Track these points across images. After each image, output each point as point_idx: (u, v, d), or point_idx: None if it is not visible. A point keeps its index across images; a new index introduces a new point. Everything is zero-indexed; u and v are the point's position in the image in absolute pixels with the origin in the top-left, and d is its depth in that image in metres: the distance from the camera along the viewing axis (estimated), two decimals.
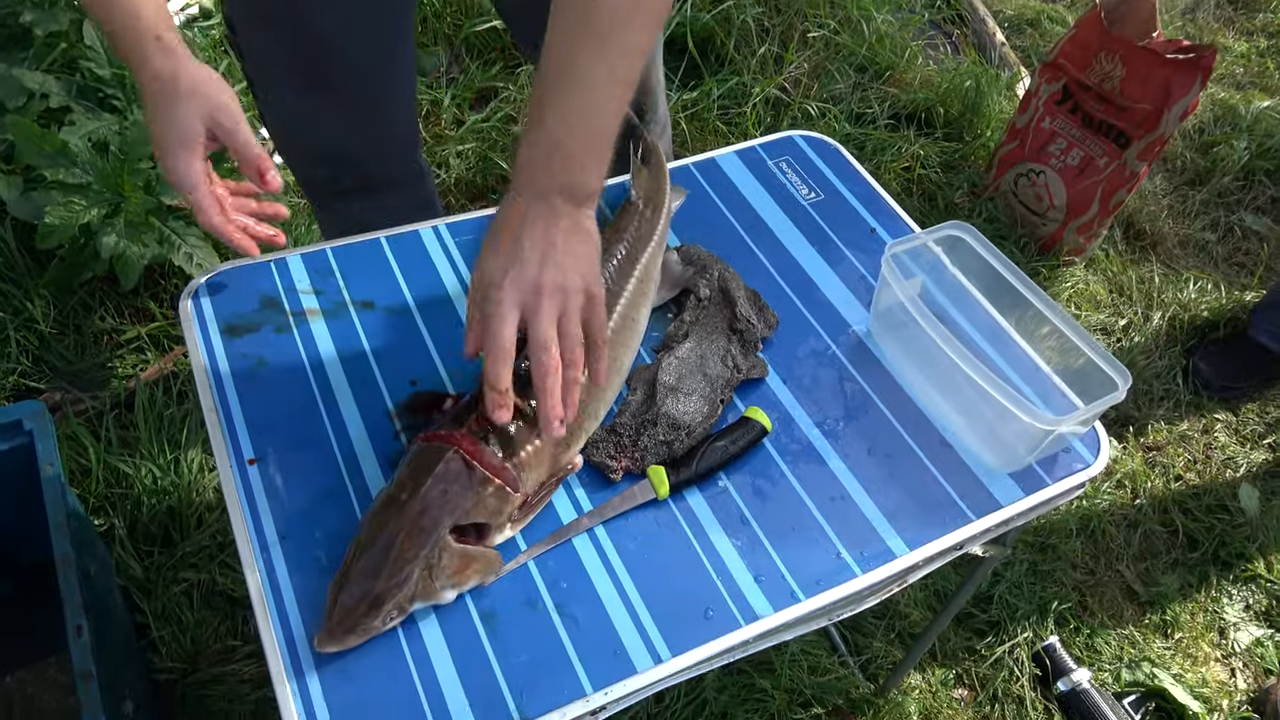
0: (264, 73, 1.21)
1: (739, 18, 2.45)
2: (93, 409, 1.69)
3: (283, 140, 1.31)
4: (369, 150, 1.30)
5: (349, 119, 1.25)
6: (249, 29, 1.17)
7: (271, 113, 1.26)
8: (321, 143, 1.27)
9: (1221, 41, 3.03)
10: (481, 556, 0.82)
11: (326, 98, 1.21)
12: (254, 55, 1.19)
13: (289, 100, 1.22)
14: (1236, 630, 1.74)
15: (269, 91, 1.23)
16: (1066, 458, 0.99)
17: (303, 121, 1.25)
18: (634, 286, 1.00)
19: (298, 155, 1.32)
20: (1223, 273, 2.35)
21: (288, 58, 1.17)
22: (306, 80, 1.19)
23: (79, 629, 1.07)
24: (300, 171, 1.34)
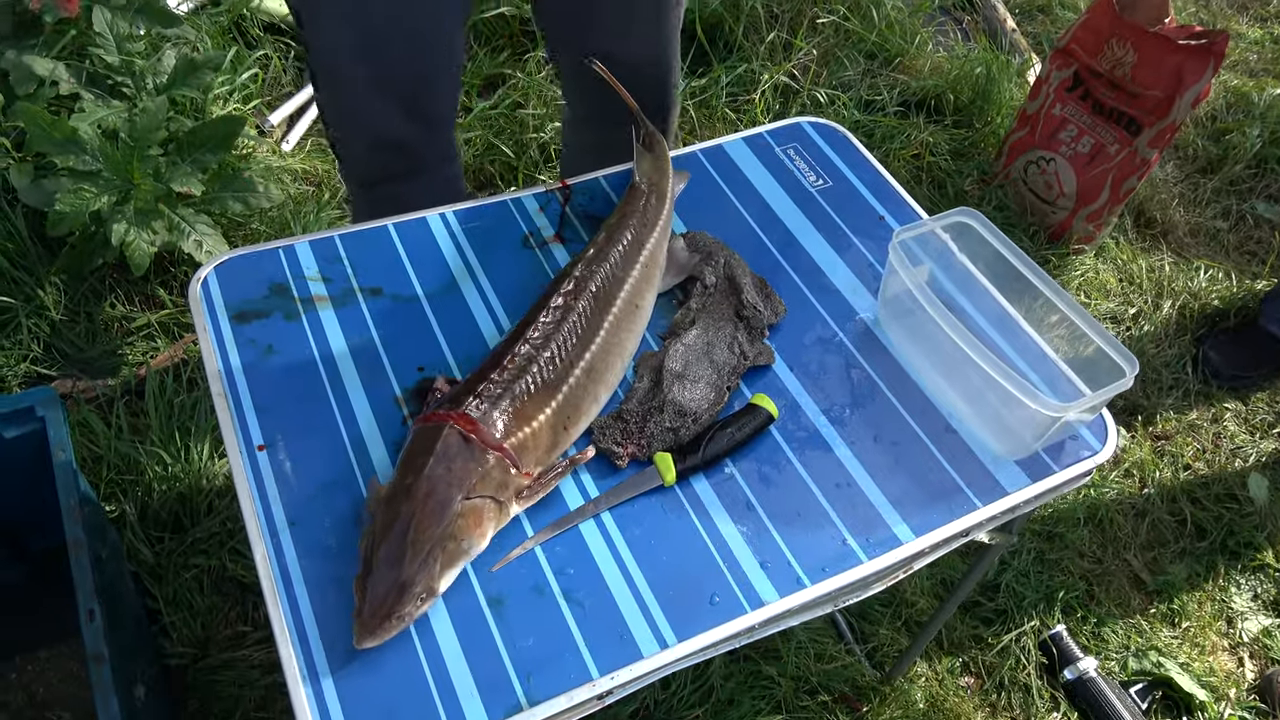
0: (329, 64, 1.21)
1: (748, 4, 2.44)
2: (103, 396, 1.70)
3: (345, 132, 1.30)
4: (419, 133, 1.30)
5: (407, 103, 1.24)
6: (315, 20, 1.16)
7: (334, 105, 1.27)
8: (380, 131, 1.27)
9: (1235, 28, 3.00)
10: (488, 503, 0.83)
11: (387, 85, 1.21)
12: (320, 47, 1.19)
13: (353, 90, 1.22)
14: (1244, 619, 1.74)
15: (335, 83, 1.23)
16: (1074, 445, 0.99)
17: (365, 111, 1.24)
18: (639, 271, 1.00)
19: (359, 146, 1.31)
20: (1234, 261, 2.33)
21: (351, 45, 1.16)
22: (370, 70, 1.18)
23: (91, 613, 1.08)
24: (356, 162, 1.34)
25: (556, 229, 1.14)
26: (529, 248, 1.12)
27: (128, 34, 1.80)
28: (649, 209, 1.07)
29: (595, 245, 1.01)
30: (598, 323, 0.95)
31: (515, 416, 0.86)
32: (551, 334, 0.92)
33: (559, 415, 0.90)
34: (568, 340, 0.92)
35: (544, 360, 0.90)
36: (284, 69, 2.30)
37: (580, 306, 0.95)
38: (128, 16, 1.81)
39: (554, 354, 0.91)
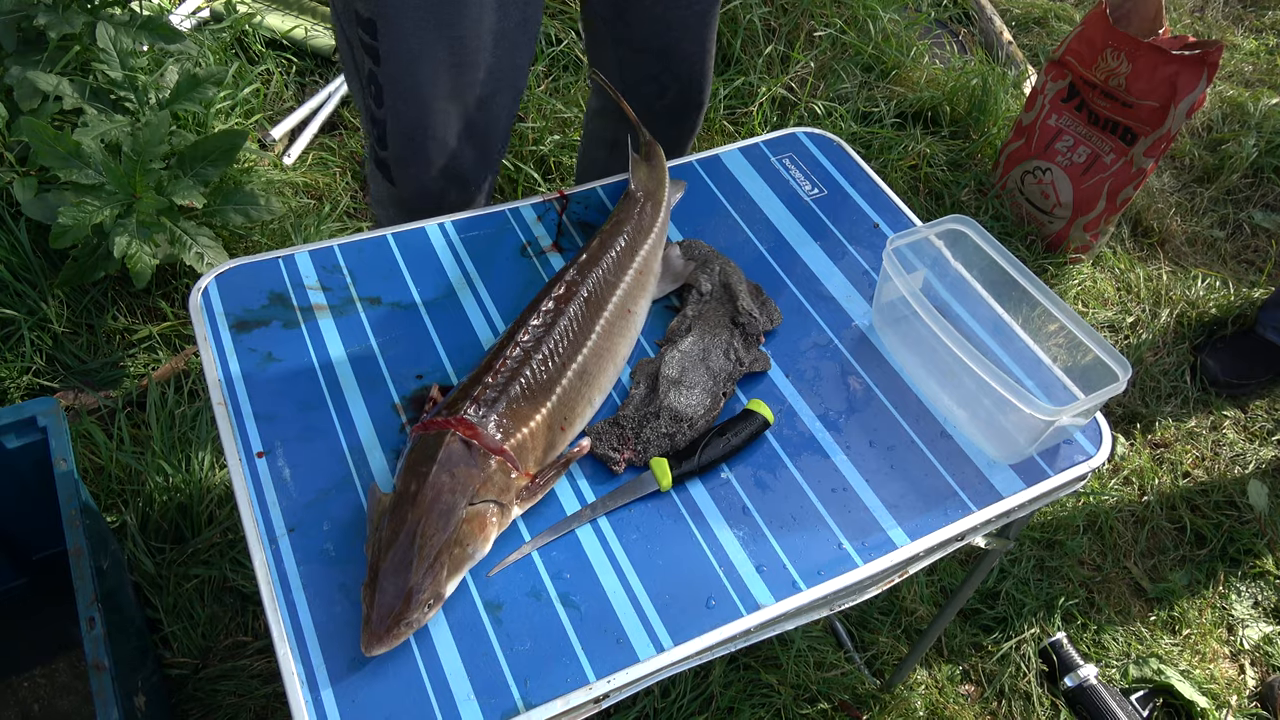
0: (407, 76, 1.14)
1: (745, 18, 2.46)
2: (105, 408, 1.71)
3: (407, 152, 1.22)
4: (478, 159, 1.26)
5: (474, 126, 1.21)
6: (398, 28, 1.10)
7: (400, 121, 1.18)
8: (446, 152, 1.22)
9: (1230, 39, 3.02)
10: (490, 506, 0.83)
11: (462, 103, 1.17)
12: (399, 57, 1.12)
13: (429, 107, 1.16)
14: (1245, 627, 1.73)
15: (408, 97, 1.16)
16: (1068, 449, 1.00)
17: (439, 128, 1.19)
18: (631, 278, 1.01)
19: (419, 167, 1.23)
20: (1231, 270, 2.34)
21: (438, 57, 1.11)
22: (451, 86, 1.14)
23: (91, 621, 1.09)
24: (412, 184, 1.25)
25: (554, 238, 1.15)
26: (526, 257, 1.13)
27: (131, 49, 1.82)
28: (644, 216, 1.08)
29: (588, 251, 1.03)
30: (589, 326, 0.96)
31: (512, 419, 0.87)
32: (542, 337, 0.93)
33: (554, 416, 0.90)
34: (559, 343, 0.93)
35: (536, 362, 0.91)
36: (285, 84, 2.32)
37: (571, 310, 0.96)
38: (131, 32, 1.83)
39: (545, 356, 0.92)
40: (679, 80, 1.36)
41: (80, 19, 1.80)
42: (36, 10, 1.77)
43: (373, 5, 1.09)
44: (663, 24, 1.28)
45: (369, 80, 1.16)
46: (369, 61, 1.14)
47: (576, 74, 2.37)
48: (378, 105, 1.18)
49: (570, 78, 2.37)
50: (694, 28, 1.31)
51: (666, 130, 1.40)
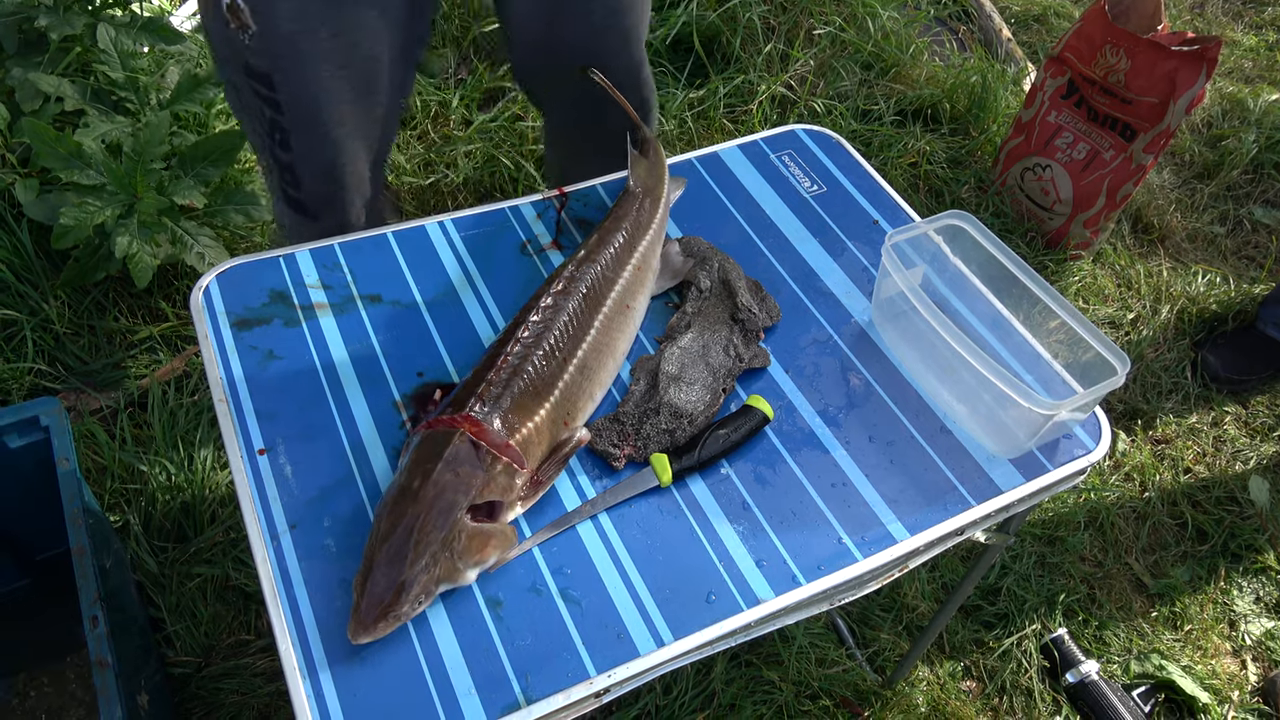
0: (316, 122, 1.15)
1: (745, 16, 2.46)
2: (107, 408, 1.71)
3: (320, 186, 1.22)
4: (379, 174, 1.28)
5: (378, 159, 1.23)
6: (297, 77, 1.10)
7: (317, 161, 1.19)
8: (364, 188, 1.24)
9: (1230, 35, 3.02)
10: (499, 533, 0.84)
11: (367, 142, 1.20)
12: (303, 105, 1.13)
13: (344, 144, 1.18)
14: (1247, 622, 1.74)
15: (320, 142, 1.17)
16: (1068, 444, 1.00)
17: (346, 153, 1.20)
18: (630, 274, 1.01)
19: (338, 207, 1.25)
20: (1231, 266, 2.34)
21: (347, 96, 1.13)
22: (359, 117, 1.16)
23: (94, 619, 1.09)
24: (325, 209, 1.25)
25: (554, 236, 1.16)
26: (527, 254, 1.13)
27: (132, 51, 1.83)
28: (642, 212, 1.08)
29: (587, 247, 1.03)
30: (588, 322, 0.96)
31: (517, 415, 0.88)
32: (543, 333, 0.93)
33: (557, 411, 0.91)
34: (560, 339, 0.93)
35: (538, 358, 0.91)
36: None
37: (571, 306, 0.96)
38: (132, 33, 1.83)
39: (547, 352, 0.92)
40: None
41: (81, 20, 1.81)
42: (38, 12, 1.78)
43: (267, 59, 1.09)
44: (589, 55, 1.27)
45: (271, 127, 1.16)
46: (269, 110, 1.14)
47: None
48: (284, 150, 1.18)
49: None
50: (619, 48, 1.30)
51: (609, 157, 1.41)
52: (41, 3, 1.79)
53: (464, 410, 0.86)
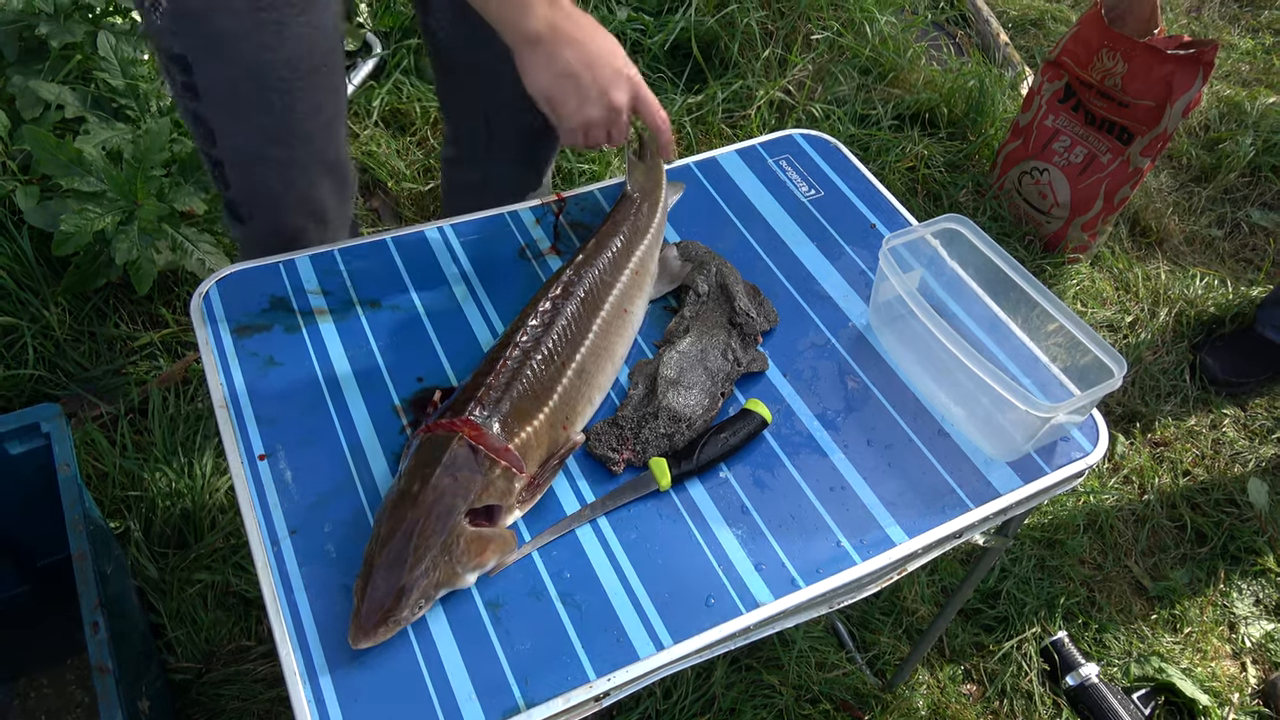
0: (230, 116, 1.08)
1: (743, 21, 2.47)
2: (108, 414, 1.71)
3: (251, 199, 1.16)
4: (333, 193, 1.21)
5: (322, 163, 1.16)
6: (207, 62, 1.03)
7: (241, 154, 1.12)
8: (298, 195, 1.17)
9: (1227, 38, 3.03)
10: (498, 537, 0.84)
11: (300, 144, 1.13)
12: (217, 93, 1.06)
13: (272, 135, 1.11)
14: (1247, 624, 1.74)
15: (242, 131, 1.10)
16: (1065, 446, 1.00)
17: (280, 158, 1.13)
18: (628, 278, 1.02)
19: (269, 212, 1.18)
20: (1229, 269, 2.34)
21: (256, 97, 1.06)
22: (278, 123, 1.09)
23: (95, 625, 1.10)
24: (264, 224, 1.19)
25: (552, 241, 1.16)
26: (525, 259, 1.14)
27: (132, 58, 1.83)
28: (640, 216, 1.09)
29: (585, 252, 1.03)
30: (586, 326, 0.97)
31: (515, 419, 0.88)
32: (541, 337, 0.93)
33: (555, 415, 0.91)
34: (558, 343, 0.94)
35: (536, 362, 0.91)
36: None
37: (569, 310, 0.96)
38: (132, 41, 1.84)
39: (545, 356, 0.92)
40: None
41: (81, 28, 1.82)
42: (38, 20, 1.79)
43: (183, 38, 1.01)
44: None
45: (195, 119, 1.09)
46: (188, 99, 1.06)
47: None
48: (210, 144, 1.11)
49: None
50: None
51: (525, 164, 1.41)
52: (42, 10, 1.80)
53: (463, 414, 0.86)
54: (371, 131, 2.26)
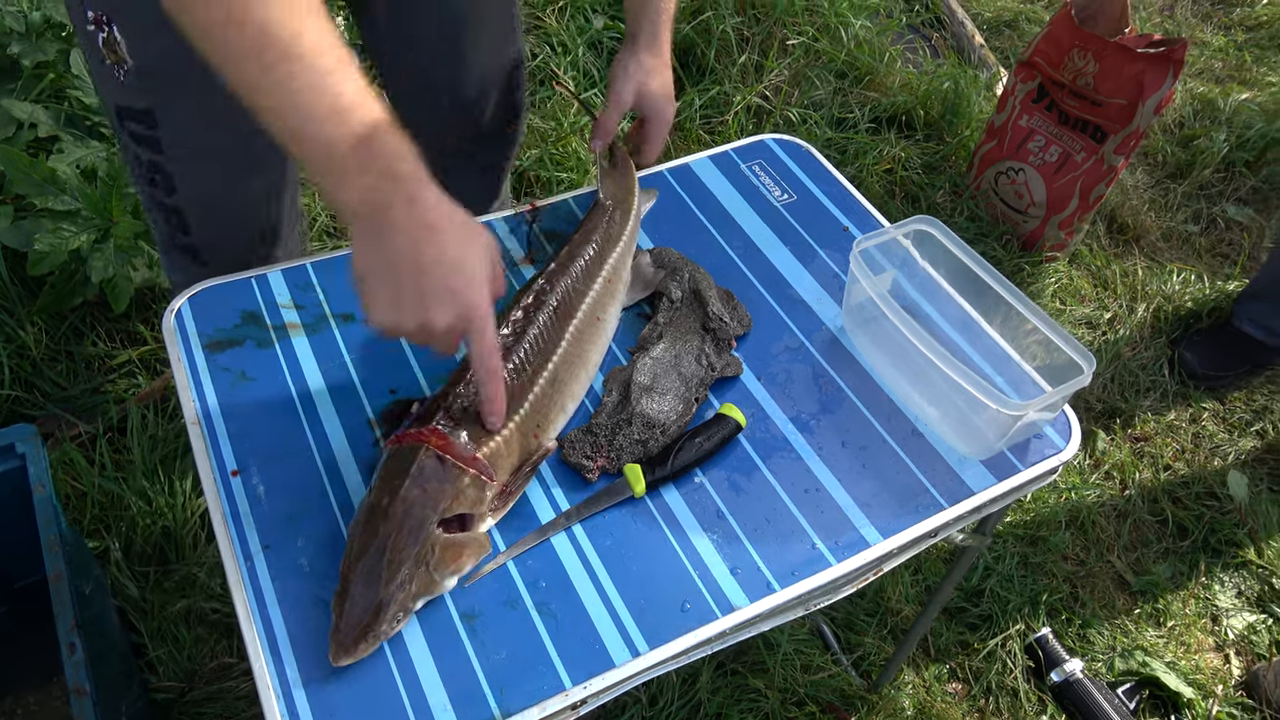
0: (196, 163, 1.09)
1: (718, 28, 2.48)
2: (86, 434, 1.70)
3: (214, 240, 1.17)
4: (285, 218, 1.22)
5: (276, 193, 1.18)
6: (173, 115, 1.05)
7: (206, 201, 1.13)
8: (260, 226, 1.18)
9: (1200, 36, 3.05)
10: (472, 541, 0.84)
11: (259, 177, 1.15)
12: (184, 144, 1.07)
13: (238, 178, 1.13)
14: (1229, 617, 1.75)
15: (207, 178, 1.11)
16: (1038, 443, 1.01)
17: (244, 196, 1.15)
18: (601, 286, 1.02)
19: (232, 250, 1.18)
20: (1206, 264, 2.36)
21: (222, 142, 1.06)
22: (241, 163, 1.10)
23: (72, 646, 1.09)
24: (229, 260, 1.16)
25: (526, 250, 1.16)
26: None
27: None
28: (612, 224, 1.09)
29: (557, 260, 1.03)
30: (559, 334, 0.97)
31: (484, 427, 0.88)
32: (513, 346, 0.93)
33: (526, 424, 0.91)
34: (530, 351, 0.94)
35: (507, 371, 0.91)
36: None
37: (541, 319, 0.96)
38: None
39: (516, 365, 0.92)
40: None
41: (54, 47, 1.81)
42: (10, 39, 1.78)
43: (148, 94, 1.02)
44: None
45: (151, 170, 1.09)
46: (147, 152, 1.07)
47: (553, 88, 2.39)
48: (168, 194, 1.11)
49: (546, 92, 2.38)
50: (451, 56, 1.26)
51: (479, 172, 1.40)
52: (14, 30, 1.79)
53: (430, 424, 0.86)
54: None
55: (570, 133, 2.28)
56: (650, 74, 1.18)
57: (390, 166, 0.76)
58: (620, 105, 1.18)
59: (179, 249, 1.18)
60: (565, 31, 2.45)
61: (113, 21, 0.98)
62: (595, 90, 2.39)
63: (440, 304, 0.79)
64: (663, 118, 1.21)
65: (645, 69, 1.18)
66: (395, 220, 0.77)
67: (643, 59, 1.18)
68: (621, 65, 1.19)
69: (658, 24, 1.16)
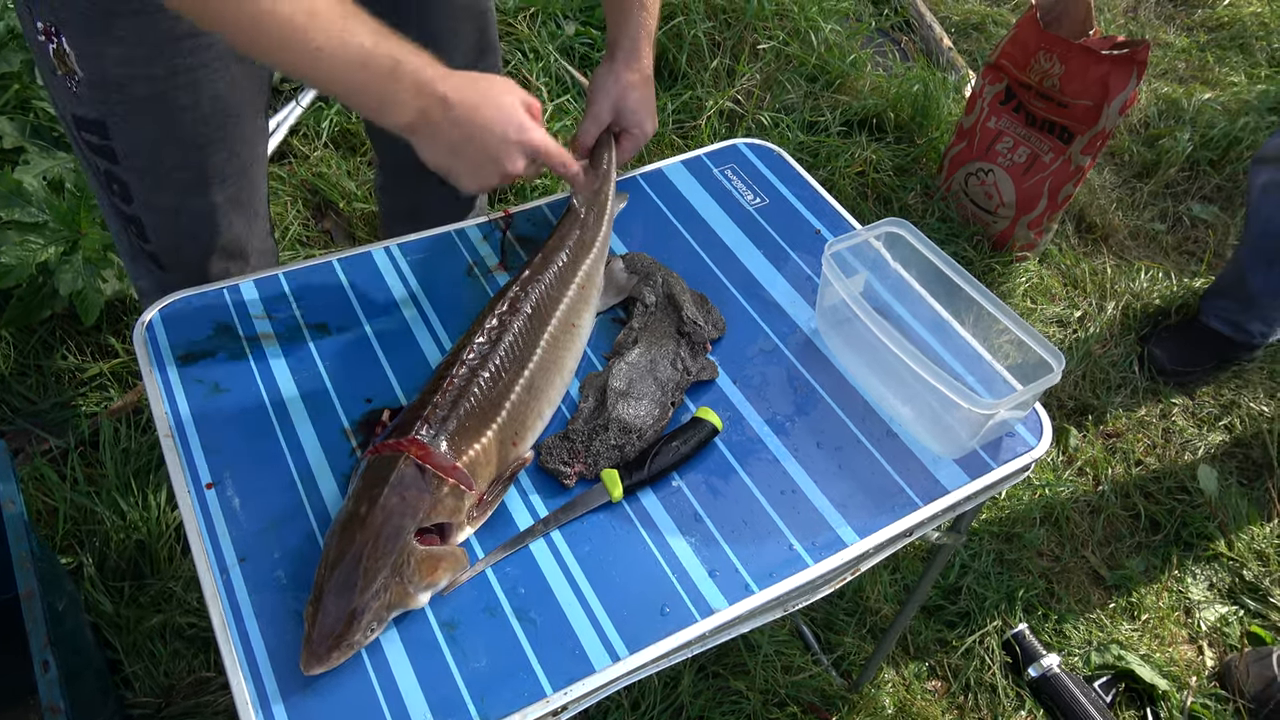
0: (150, 175, 1.10)
1: (690, 32, 2.49)
2: (57, 448, 1.68)
3: (174, 248, 1.17)
4: (250, 229, 1.22)
5: (237, 205, 1.17)
6: (126, 127, 1.05)
7: (162, 211, 1.14)
8: (220, 238, 1.17)
9: (1163, 37, 3.10)
10: (449, 555, 0.84)
11: (217, 189, 1.14)
12: (137, 156, 1.08)
13: (181, 201, 1.13)
14: (1201, 609, 1.77)
15: (161, 189, 1.11)
16: (1010, 442, 1.02)
17: (197, 220, 1.15)
18: (575, 292, 1.02)
19: (193, 258, 1.18)
20: (1173, 261, 2.40)
21: (176, 154, 1.08)
22: (196, 175, 1.11)
23: (45, 664, 1.07)
24: (191, 269, 1.18)
25: (500, 258, 1.16)
26: (473, 277, 1.14)
27: None
28: (586, 229, 1.09)
29: (531, 266, 1.04)
30: (534, 341, 0.97)
31: (463, 437, 0.88)
32: (489, 354, 0.93)
33: (504, 432, 0.91)
34: (505, 358, 0.94)
35: (484, 379, 0.91)
36: None
37: (516, 326, 0.96)
38: None
39: (493, 372, 0.92)
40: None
41: (18, 57, 1.79)
42: None
43: (100, 105, 1.03)
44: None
45: (108, 179, 1.11)
46: (103, 162, 1.09)
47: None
48: (126, 203, 1.13)
49: None
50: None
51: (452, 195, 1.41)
52: None
53: (409, 434, 0.86)
54: (322, 153, 2.25)
55: None
56: (628, 89, 1.18)
57: (417, 84, 0.90)
58: (597, 121, 1.19)
59: (142, 255, 1.18)
60: (537, 38, 2.46)
61: (61, 33, 0.98)
62: (567, 96, 2.39)
63: (507, 155, 0.96)
64: (641, 132, 1.21)
65: (622, 84, 1.18)
66: (440, 120, 0.92)
67: (620, 74, 1.18)
68: (599, 80, 1.19)
69: (637, 38, 1.17)
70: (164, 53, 1.01)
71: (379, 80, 0.88)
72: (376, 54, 0.87)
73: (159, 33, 0.99)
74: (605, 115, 1.19)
